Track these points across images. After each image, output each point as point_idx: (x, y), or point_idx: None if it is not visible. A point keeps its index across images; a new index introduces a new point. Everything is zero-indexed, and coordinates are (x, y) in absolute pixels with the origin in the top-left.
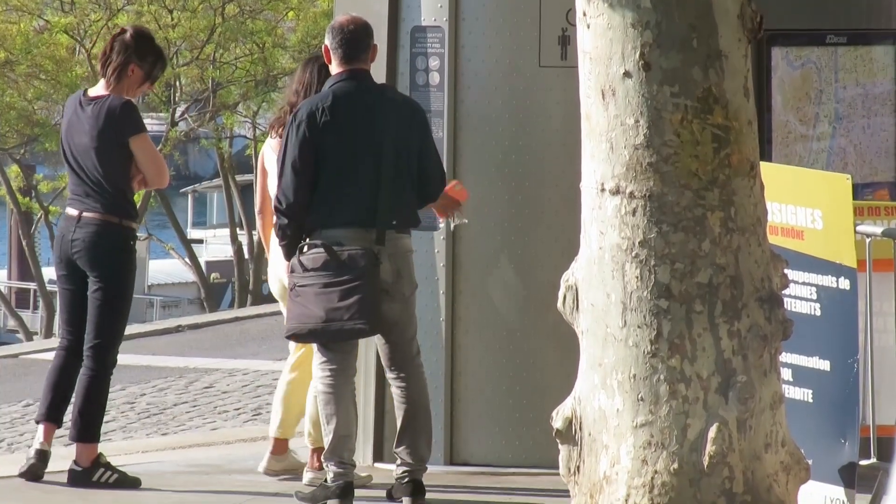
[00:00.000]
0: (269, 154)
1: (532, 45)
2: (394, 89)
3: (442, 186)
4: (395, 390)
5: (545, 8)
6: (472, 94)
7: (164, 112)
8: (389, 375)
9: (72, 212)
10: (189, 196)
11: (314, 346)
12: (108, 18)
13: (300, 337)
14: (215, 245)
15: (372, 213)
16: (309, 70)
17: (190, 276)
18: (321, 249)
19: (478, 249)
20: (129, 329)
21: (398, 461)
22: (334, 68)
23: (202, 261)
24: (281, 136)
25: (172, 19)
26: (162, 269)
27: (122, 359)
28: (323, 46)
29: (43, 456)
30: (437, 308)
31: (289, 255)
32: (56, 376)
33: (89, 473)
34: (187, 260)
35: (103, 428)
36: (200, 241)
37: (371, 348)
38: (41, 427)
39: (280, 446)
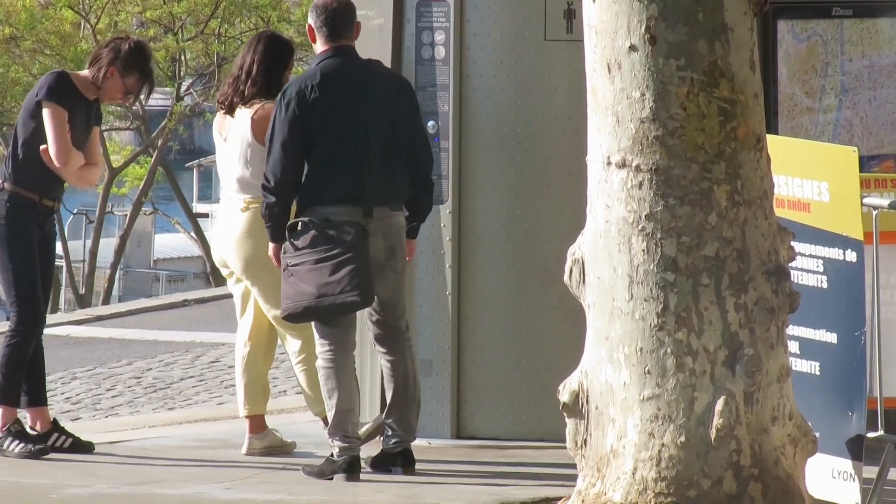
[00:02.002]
0: (215, 131)
1: (537, 18)
2: (380, 63)
3: (427, 155)
4: (384, 363)
5: None
6: (478, 69)
7: (169, 87)
8: (380, 349)
9: None
10: (194, 170)
11: (313, 325)
12: None
13: (296, 316)
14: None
15: (361, 189)
16: (270, 47)
17: (196, 251)
18: (310, 226)
19: (484, 223)
20: (136, 304)
21: (388, 431)
22: (319, 46)
23: (208, 235)
24: (225, 113)
25: None
26: (167, 243)
27: (129, 333)
28: (307, 26)
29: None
30: (444, 282)
31: (274, 235)
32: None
33: (44, 438)
34: (193, 234)
35: (110, 402)
36: (206, 216)
37: None
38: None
39: (256, 424)
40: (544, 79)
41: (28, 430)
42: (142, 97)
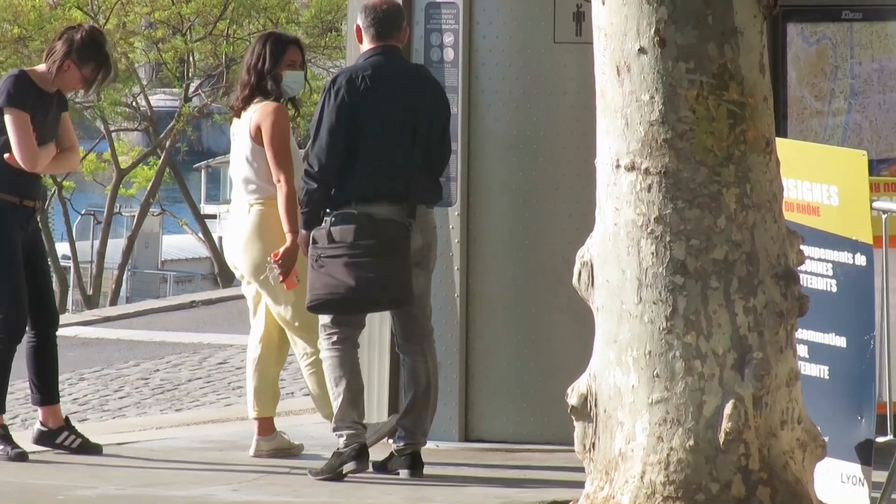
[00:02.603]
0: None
1: (547, 21)
2: (424, 67)
3: (445, 164)
4: (408, 364)
5: None
6: (487, 71)
7: (177, 88)
8: (405, 349)
9: None
10: (202, 171)
11: (320, 317)
12: None
13: (325, 307)
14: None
15: (406, 188)
16: (260, 45)
17: (203, 252)
18: (352, 221)
19: (492, 225)
20: (143, 305)
21: (400, 432)
22: (365, 45)
23: (216, 236)
24: (239, 118)
25: None
26: (175, 244)
27: (136, 334)
28: (354, 26)
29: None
30: (452, 284)
31: (308, 223)
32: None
33: (54, 434)
34: (201, 235)
35: (117, 403)
36: (214, 217)
37: (385, 324)
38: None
39: (265, 426)
40: (553, 81)
41: (40, 426)
42: (101, 84)
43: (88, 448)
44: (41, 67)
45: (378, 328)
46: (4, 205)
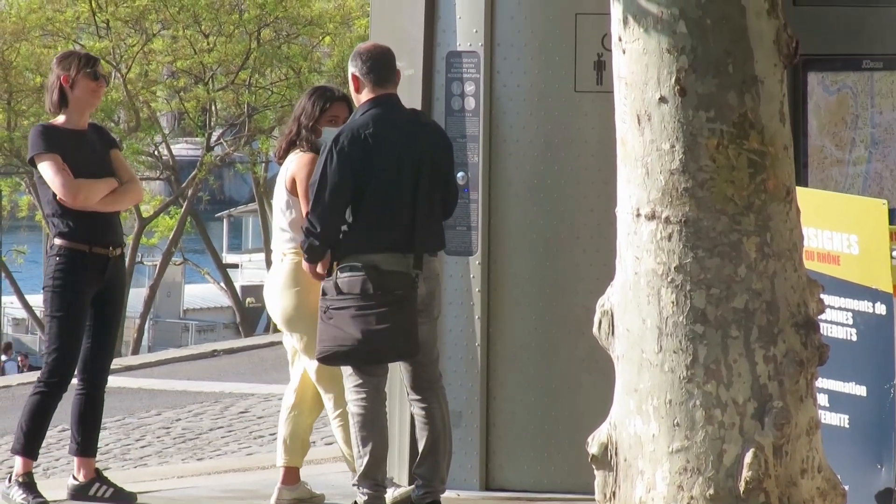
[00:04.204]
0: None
1: (567, 70)
2: (423, 113)
3: (453, 206)
4: (418, 412)
5: (580, 33)
6: (508, 120)
7: (199, 136)
8: (414, 397)
9: None
10: (224, 220)
11: (344, 369)
12: (143, 43)
13: (334, 359)
14: (251, 269)
15: (410, 238)
16: (306, 97)
17: (225, 301)
18: (359, 273)
19: (513, 274)
20: (165, 354)
21: (418, 482)
22: (365, 94)
23: (237, 285)
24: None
25: (208, 44)
26: (197, 293)
27: (158, 384)
28: (350, 75)
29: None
30: (473, 333)
31: (311, 259)
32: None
33: (87, 487)
34: (223, 284)
35: (139, 452)
36: (236, 266)
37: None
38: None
39: (290, 475)
40: (574, 130)
41: (73, 479)
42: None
43: (122, 496)
44: (59, 119)
45: (396, 375)
46: (73, 253)
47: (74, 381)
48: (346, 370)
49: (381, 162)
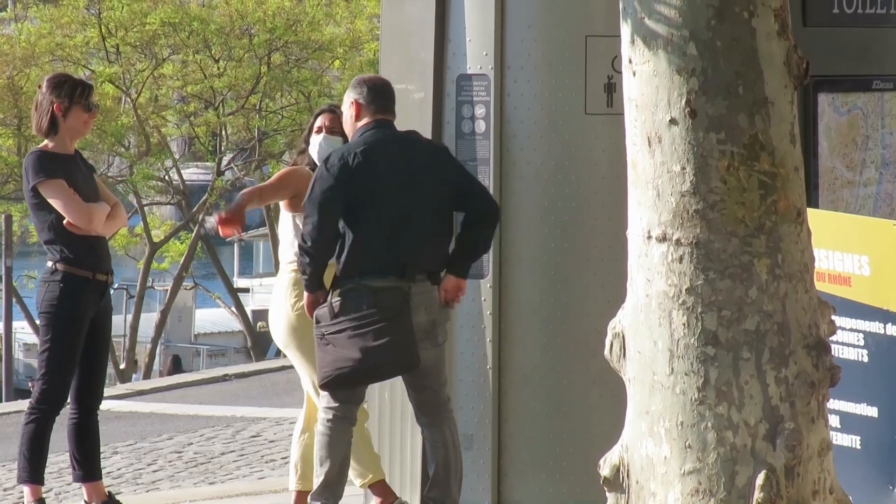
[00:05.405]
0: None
1: (578, 92)
2: (418, 133)
3: (486, 197)
4: (427, 436)
5: (590, 55)
6: (518, 142)
7: (210, 161)
8: (422, 421)
9: None
10: (235, 245)
11: (318, 389)
12: (153, 68)
13: (336, 383)
14: (261, 294)
15: (403, 261)
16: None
17: (236, 325)
18: (352, 294)
19: (524, 297)
20: (176, 378)
21: None
22: (364, 119)
23: (248, 309)
24: None
25: (218, 69)
26: (208, 318)
27: (169, 408)
28: (351, 101)
29: None
30: (485, 356)
31: (310, 287)
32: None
33: None
34: (233, 309)
35: (151, 477)
36: (247, 290)
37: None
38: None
39: (302, 499)
40: (585, 152)
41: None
42: (91, 100)
43: None
44: (49, 144)
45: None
46: (76, 280)
47: (67, 408)
48: (322, 393)
49: (372, 181)
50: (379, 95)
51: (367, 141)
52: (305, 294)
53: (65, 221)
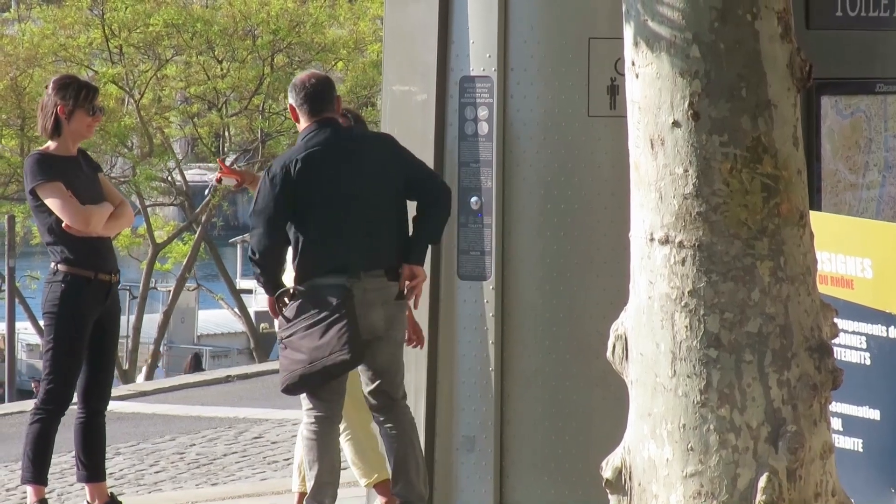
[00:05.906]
0: None
1: (581, 94)
2: (362, 127)
3: (436, 181)
4: (384, 432)
5: (594, 58)
6: (521, 144)
7: (213, 162)
8: (378, 419)
9: None
10: (238, 246)
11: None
12: (156, 69)
13: (293, 388)
14: (264, 295)
15: (347, 257)
16: None
17: (239, 327)
18: (300, 296)
19: (527, 299)
20: (179, 379)
21: (398, 502)
22: (302, 123)
23: (251, 311)
24: None
25: (221, 70)
26: (211, 319)
27: (172, 409)
28: (289, 107)
29: None
30: (487, 358)
31: (267, 290)
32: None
33: None
34: (236, 310)
35: (153, 478)
36: (250, 292)
37: (420, 399)
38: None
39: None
40: (587, 154)
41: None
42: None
43: None
44: (51, 145)
45: (413, 403)
46: (78, 279)
47: (74, 407)
48: (302, 395)
49: (312, 186)
50: (311, 97)
51: (308, 146)
52: (267, 298)
53: (63, 224)
